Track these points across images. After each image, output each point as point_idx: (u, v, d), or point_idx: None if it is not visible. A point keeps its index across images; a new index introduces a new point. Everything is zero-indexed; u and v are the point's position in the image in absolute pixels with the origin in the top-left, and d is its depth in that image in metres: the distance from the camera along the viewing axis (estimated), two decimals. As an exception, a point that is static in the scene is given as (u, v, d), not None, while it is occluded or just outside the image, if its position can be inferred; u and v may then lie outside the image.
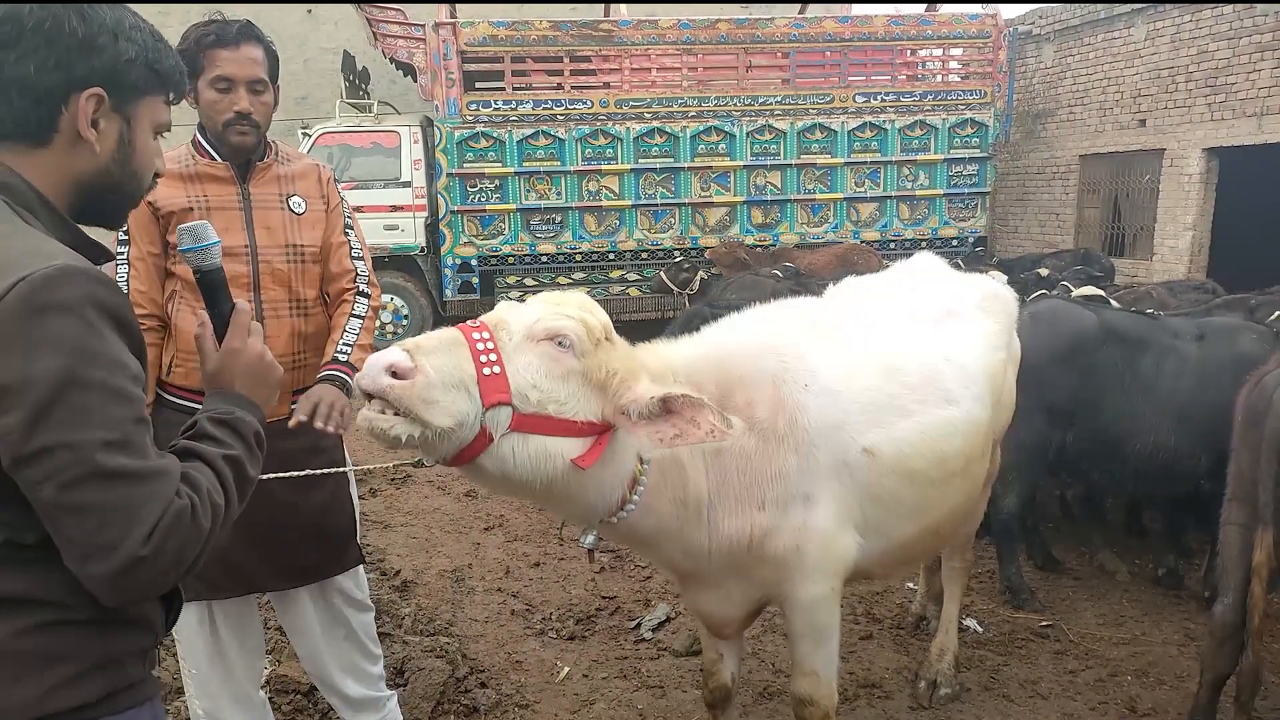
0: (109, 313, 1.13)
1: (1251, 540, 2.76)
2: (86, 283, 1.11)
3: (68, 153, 1.23)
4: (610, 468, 1.92)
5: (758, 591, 2.37)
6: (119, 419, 1.11)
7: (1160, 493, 4.33)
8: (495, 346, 1.76)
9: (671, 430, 1.80)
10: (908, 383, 2.44)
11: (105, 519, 1.08)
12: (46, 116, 1.20)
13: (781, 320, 2.46)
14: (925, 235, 10.56)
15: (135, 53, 1.24)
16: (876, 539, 2.41)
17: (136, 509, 1.10)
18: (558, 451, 1.80)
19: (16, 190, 1.20)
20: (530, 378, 1.77)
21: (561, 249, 10.07)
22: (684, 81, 10.15)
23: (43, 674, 1.14)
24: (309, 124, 10.84)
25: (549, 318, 1.83)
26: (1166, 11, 10.61)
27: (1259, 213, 10.70)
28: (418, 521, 5.36)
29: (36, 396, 1.06)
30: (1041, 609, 4.08)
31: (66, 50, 1.19)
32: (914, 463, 2.38)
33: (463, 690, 3.36)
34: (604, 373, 1.84)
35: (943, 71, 10.90)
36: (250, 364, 1.39)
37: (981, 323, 2.83)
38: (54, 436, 1.07)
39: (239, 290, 2.34)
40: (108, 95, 1.22)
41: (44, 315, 1.07)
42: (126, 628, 1.24)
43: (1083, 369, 3.97)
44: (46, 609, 1.15)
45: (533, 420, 1.77)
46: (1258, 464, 2.77)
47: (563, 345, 1.81)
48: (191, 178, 2.40)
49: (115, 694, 1.21)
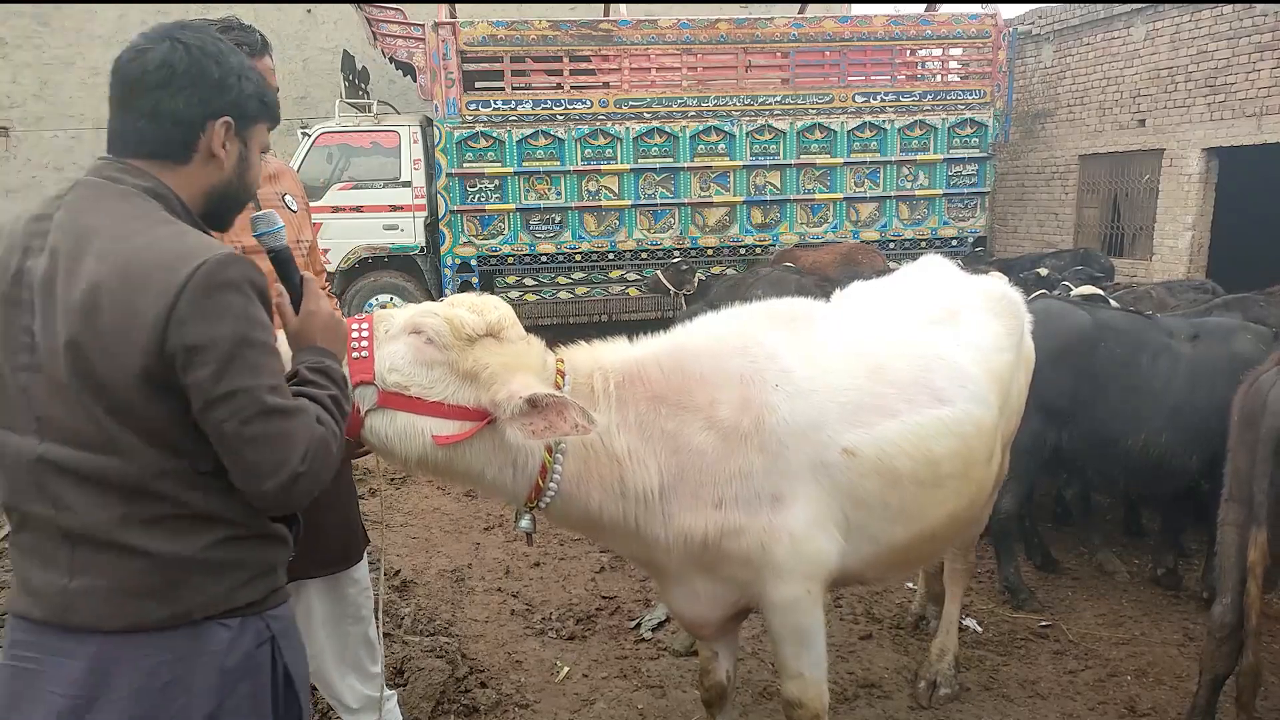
0: (257, 288, 1.44)
1: (1247, 540, 2.76)
2: (244, 266, 1.42)
3: (203, 168, 1.54)
4: (500, 451, 2.07)
5: (730, 592, 2.35)
6: (274, 369, 1.45)
7: (1152, 491, 4.34)
8: (369, 334, 2.00)
9: (542, 423, 1.96)
10: (894, 382, 2.40)
11: (275, 445, 1.40)
12: (190, 140, 1.51)
13: (754, 320, 2.45)
14: (925, 235, 10.56)
15: (252, 90, 1.57)
16: (863, 542, 2.38)
17: (294, 436, 1.42)
18: (425, 428, 1.99)
19: (168, 199, 1.49)
20: (392, 362, 1.99)
21: (561, 249, 10.07)
22: (683, 81, 10.13)
23: (231, 575, 1.49)
24: (308, 124, 10.84)
25: (416, 314, 2.06)
26: (1166, 11, 10.61)
27: (1258, 213, 10.70)
28: (417, 521, 5.36)
29: (220, 353, 1.36)
30: (1041, 609, 4.09)
31: (207, 89, 1.51)
32: (899, 464, 2.34)
33: (463, 690, 3.36)
34: (472, 365, 2.01)
35: (942, 71, 10.89)
36: (325, 321, 1.69)
37: (986, 324, 2.79)
38: (236, 382, 1.37)
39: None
40: (234, 122, 1.54)
41: (221, 291, 1.37)
42: (278, 542, 1.58)
43: (1077, 368, 3.98)
44: (226, 525, 1.47)
45: (395, 399, 1.98)
46: (1253, 464, 2.77)
47: (429, 339, 2.01)
48: None
49: (272, 593, 1.57)
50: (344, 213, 9.73)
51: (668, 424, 2.19)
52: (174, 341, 1.35)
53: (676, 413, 2.20)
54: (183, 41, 1.49)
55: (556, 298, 10.22)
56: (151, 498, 1.41)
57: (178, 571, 1.43)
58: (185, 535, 1.44)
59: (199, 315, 1.35)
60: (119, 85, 1.49)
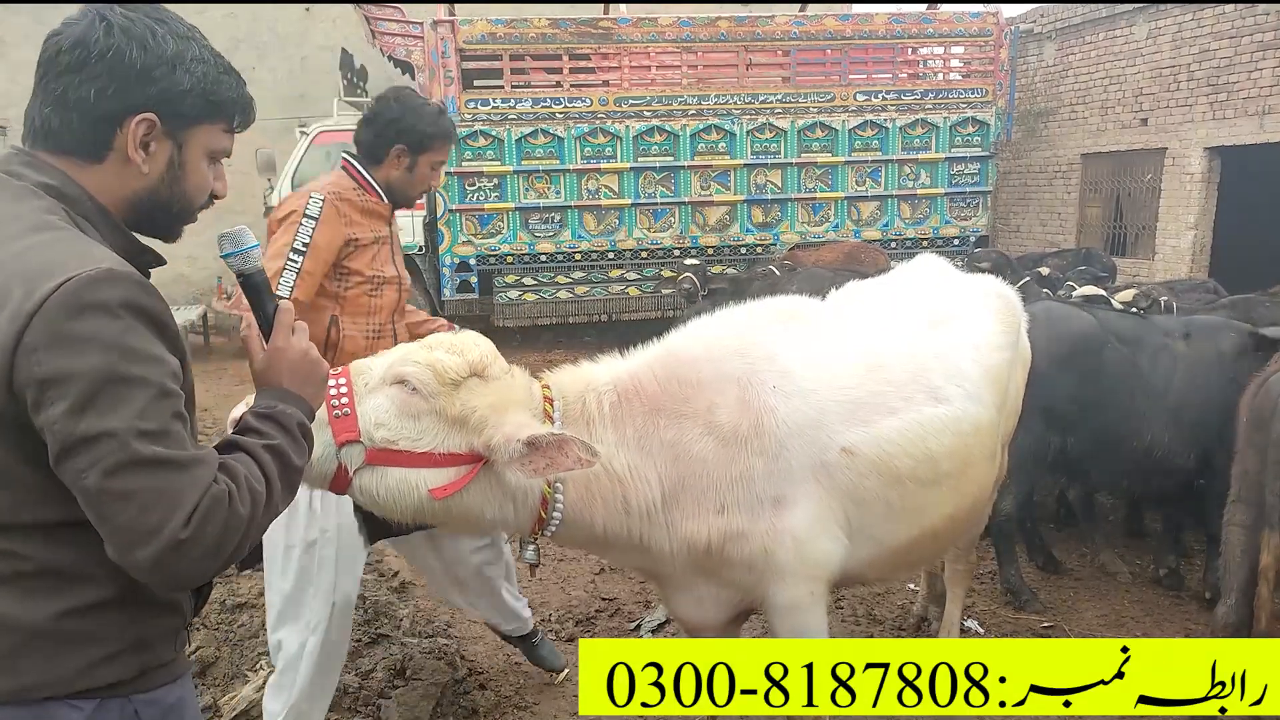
0: (148, 315, 1.20)
1: (1255, 541, 2.74)
2: (127, 286, 1.18)
3: (120, 170, 1.31)
4: (498, 492, 2.01)
5: (733, 595, 2.34)
6: (157, 411, 1.18)
7: (1157, 490, 4.33)
8: (349, 390, 1.91)
9: (543, 461, 1.90)
10: (891, 380, 2.38)
11: (147, 504, 1.15)
12: (103, 136, 1.29)
13: (751, 321, 2.42)
14: (926, 234, 10.54)
15: (191, 84, 1.32)
16: (866, 542, 2.36)
17: (176, 494, 1.16)
18: (418, 482, 1.91)
19: (75, 199, 1.29)
20: (377, 417, 1.90)
21: (560, 248, 10.05)
22: (684, 80, 10.12)
23: (86, 650, 1.24)
24: (306, 122, 10.80)
25: (397, 364, 1.95)
26: (1168, 10, 10.59)
27: (1261, 212, 10.68)
28: (416, 521, 5.34)
29: (79, 389, 1.13)
30: (1043, 610, 4.07)
31: (125, 79, 1.27)
32: (899, 462, 2.32)
33: (462, 692, 3.34)
34: (460, 409, 1.94)
35: (944, 70, 10.88)
36: (294, 361, 1.45)
37: (981, 323, 2.77)
38: (97, 425, 1.13)
39: (388, 316, 2.71)
40: (160, 121, 1.31)
41: (86, 314, 1.14)
42: (159, 611, 1.33)
43: (1082, 371, 3.96)
44: (95, 588, 1.24)
45: (385, 455, 1.89)
46: (1264, 466, 2.75)
47: (412, 388, 1.92)
48: (365, 211, 2.68)
49: (147, 672, 1.32)
50: (343, 212, 9.71)
51: (667, 434, 2.17)
52: (24, 374, 1.13)
53: (675, 421, 2.18)
54: (108, 19, 1.27)
55: (556, 297, 10.19)
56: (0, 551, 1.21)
57: (19, 640, 1.21)
58: (36, 597, 1.21)
59: (55, 343, 1.13)
60: (38, 65, 1.30)
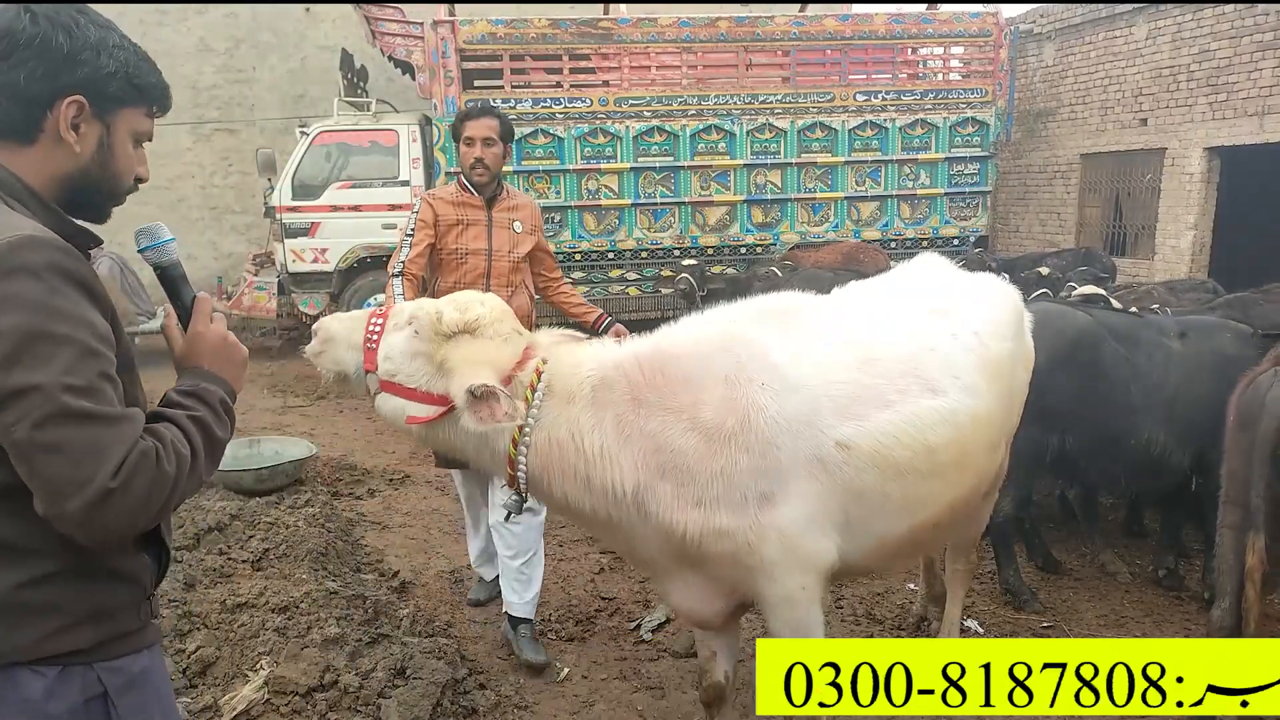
0: (72, 277, 1.25)
1: (1244, 544, 2.73)
2: (49, 250, 1.23)
3: (51, 152, 1.37)
4: (469, 435, 2.25)
5: (722, 586, 2.36)
6: (84, 369, 1.22)
7: (1155, 489, 4.33)
8: (382, 327, 2.30)
9: (485, 410, 2.15)
10: (886, 373, 2.39)
11: (76, 456, 1.19)
12: (34, 119, 1.35)
13: (740, 318, 2.44)
14: (926, 234, 10.52)
15: (115, 68, 1.39)
16: (866, 535, 2.37)
17: (105, 447, 1.21)
18: (403, 409, 2.28)
19: (7, 183, 1.33)
20: (388, 352, 2.28)
21: (560, 248, 10.01)
22: (683, 80, 10.10)
23: (41, 622, 1.29)
24: (306, 122, 10.80)
25: (414, 307, 2.32)
26: (1168, 10, 10.59)
27: (1260, 212, 10.68)
28: (416, 523, 5.34)
29: (5, 346, 1.17)
30: (1042, 610, 4.07)
31: (53, 62, 1.33)
32: (897, 455, 2.33)
33: (462, 691, 3.34)
34: (443, 358, 2.24)
35: (944, 70, 10.87)
36: (214, 344, 1.52)
37: (982, 313, 2.77)
38: (24, 378, 1.18)
39: (476, 276, 3.67)
40: (88, 103, 1.37)
41: (9, 277, 1.19)
42: (116, 582, 1.38)
43: (1081, 371, 3.96)
44: (43, 560, 1.28)
45: (387, 384, 2.29)
46: (1250, 467, 2.74)
47: (416, 331, 2.26)
48: (458, 204, 3.76)
49: (107, 642, 1.37)
50: (343, 212, 9.72)
51: (649, 424, 2.22)
52: None
53: (658, 414, 2.22)
54: (32, 10, 1.33)
55: (556, 297, 10.18)
56: None
57: None
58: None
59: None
60: None
